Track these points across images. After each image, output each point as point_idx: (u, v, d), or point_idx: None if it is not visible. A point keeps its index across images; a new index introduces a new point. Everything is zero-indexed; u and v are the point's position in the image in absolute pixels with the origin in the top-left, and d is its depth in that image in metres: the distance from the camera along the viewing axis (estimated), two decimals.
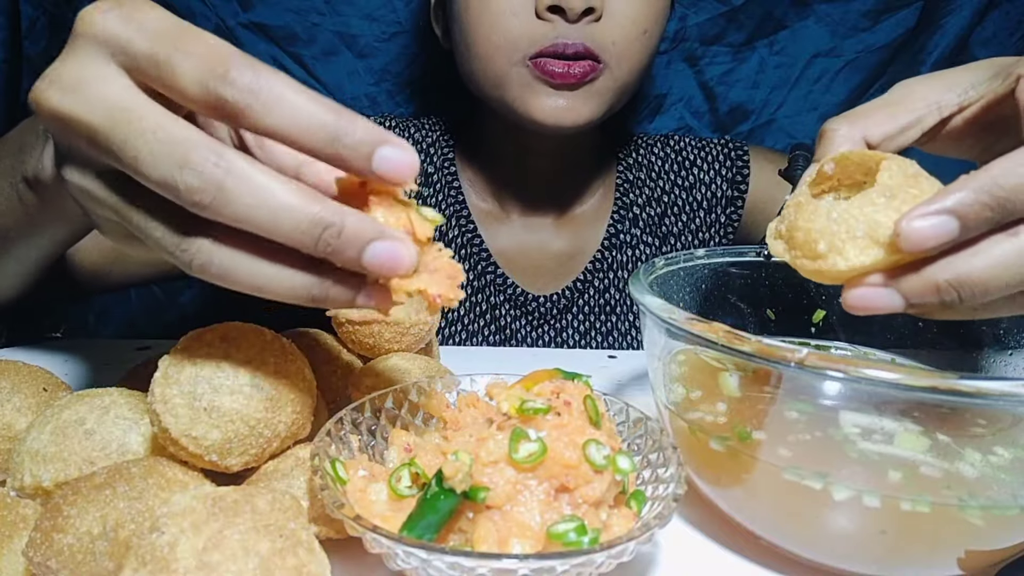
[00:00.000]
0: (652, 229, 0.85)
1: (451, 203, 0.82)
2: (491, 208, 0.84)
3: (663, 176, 0.86)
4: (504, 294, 0.81)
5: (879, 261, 0.30)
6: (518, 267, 0.82)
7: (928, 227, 0.28)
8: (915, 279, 0.30)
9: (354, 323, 0.50)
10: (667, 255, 0.48)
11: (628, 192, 0.85)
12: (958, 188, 0.29)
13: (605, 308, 0.83)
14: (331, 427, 0.36)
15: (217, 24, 0.88)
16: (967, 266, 0.29)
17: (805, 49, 0.94)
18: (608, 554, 0.29)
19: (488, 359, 0.68)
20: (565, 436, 0.31)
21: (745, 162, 0.85)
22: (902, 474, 0.34)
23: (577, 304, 0.82)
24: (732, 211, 0.85)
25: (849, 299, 0.31)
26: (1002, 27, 0.91)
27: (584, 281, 0.82)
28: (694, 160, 0.86)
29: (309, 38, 0.90)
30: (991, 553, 0.33)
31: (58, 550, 0.29)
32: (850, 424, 0.37)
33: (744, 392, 0.40)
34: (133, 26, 0.28)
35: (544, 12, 0.65)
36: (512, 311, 0.81)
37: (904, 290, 0.30)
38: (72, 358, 0.62)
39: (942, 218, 0.28)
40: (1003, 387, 0.29)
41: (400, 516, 0.31)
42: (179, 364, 0.33)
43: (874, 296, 0.31)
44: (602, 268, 0.83)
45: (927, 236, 0.29)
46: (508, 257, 0.82)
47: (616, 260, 0.83)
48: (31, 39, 0.82)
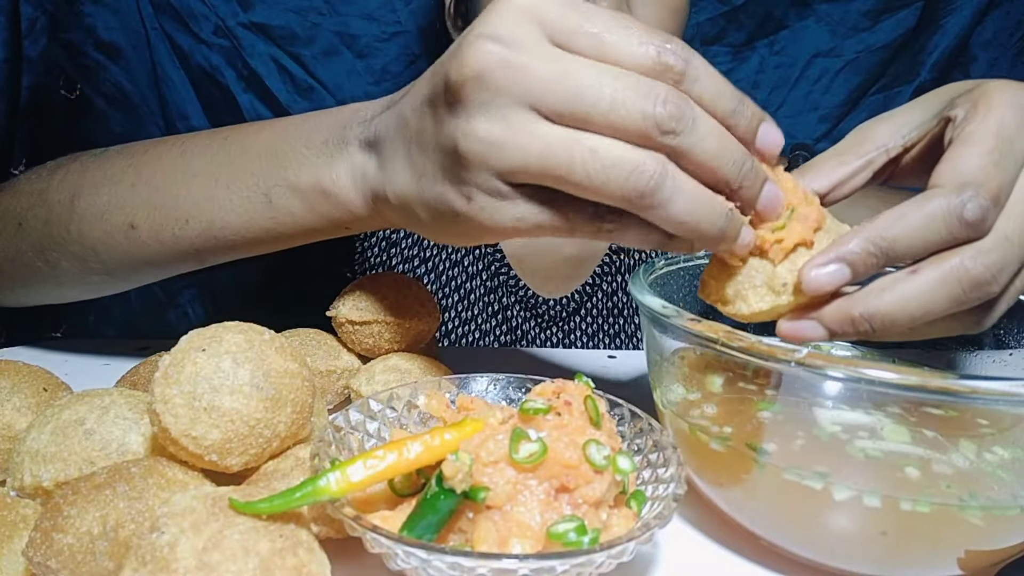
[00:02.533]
0: None
1: None
2: None
3: None
4: (515, 295, 0.82)
5: (776, 306, 0.36)
6: (530, 269, 0.83)
7: (824, 274, 0.34)
8: (834, 313, 0.34)
9: (354, 323, 0.50)
10: (667, 255, 0.48)
11: None
12: (848, 239, 0.33)
13: (613, 311, 0.84)
14: (331, 427, 0.36)
15: (217, 24, 0.88)
16: (877, 301, 0.33)
17: (805, 49, 0.94)
18: (608, 554, 0.29)
19: (488, 359, 0.68)
20: (565, 436, 0.31)
21: None
22: (903, 474, 0.34)
23: (585, 307, 0.83)
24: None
25: (782, 331, 0.36)
26: (1002, 27, 0.91)
27: (593, 284, 0.83)
28: None
29: (309, 38, 0.90)
30: (991, 553, 0.33)
31: (58, 550, 0.29)
32: (830, 422, 0.37)
33: (727, 392, 0.40)
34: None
35: None
36: (522, 312, 0.82)
37: (826, 322, 0.34)
38: (72, 358, 0.62)
39: (836, 266, 0.34)
40: (1003, 387, 0.29)
41: (400, 516, 0.31)
42: (179, 364, 0.33)
43: (801, 328, 0.35)
44: (610, 272, 0.84)
45: (824, 282, 0.34)
46: (520, 259, 0.83)
47: (624, 264, 0.84)
48: (31, 39, 0.82)
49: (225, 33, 0.88)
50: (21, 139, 0.81)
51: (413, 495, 0.33)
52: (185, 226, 0.49)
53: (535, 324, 0.82)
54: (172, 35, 0.89)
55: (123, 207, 0.51)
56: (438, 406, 0.39)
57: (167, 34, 0.89)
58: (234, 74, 0.89)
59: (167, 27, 0.88)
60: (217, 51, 0.88)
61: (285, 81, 0.88)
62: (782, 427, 0.38)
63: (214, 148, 0.49)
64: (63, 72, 0.86)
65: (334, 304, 0.52)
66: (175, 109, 0.91)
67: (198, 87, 0.90)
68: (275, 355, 0.35)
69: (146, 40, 0.89)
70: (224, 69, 0.89)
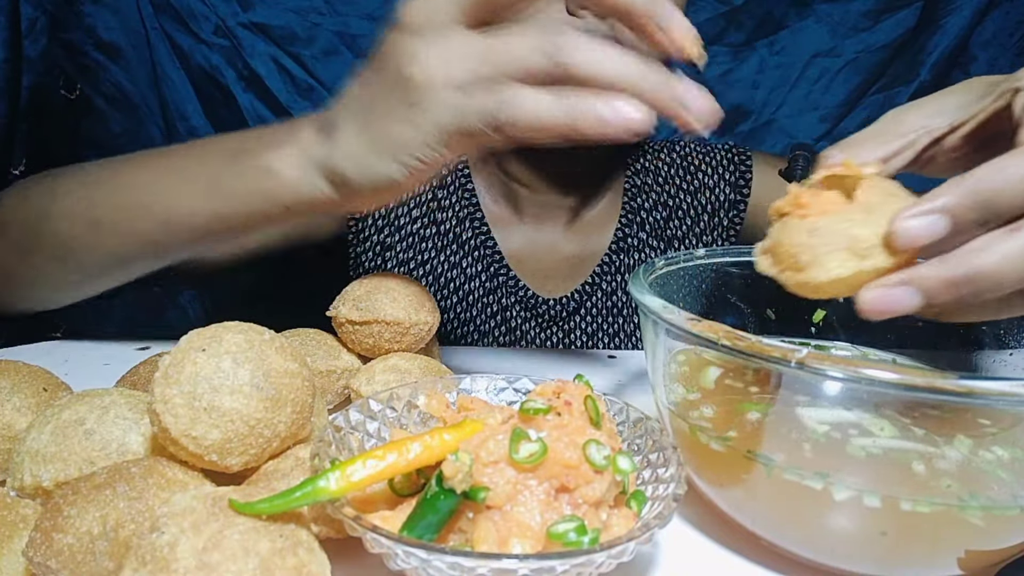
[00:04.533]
0: (658, 233, 0.86)
1: (465, 205, 0.83)
2: (504, 211, 0.84)
3: (669, 181, 0.87)
4: (515, 296, 0.82)
5: (857, 273, 0.32)
6: (529, 270, 0.83)
7: (919, 225, 0.31)
8: (931, 277, 0.31)
9: (354, 323, 0.50)
10: (667, 255, 0.48)
11: (636, 196, 0.86)
12: (945, 190, 0.31)
13: (612, 311, 0.84)
14: (331, 427, 0.36)
15: (217, 24, 0.88)
16: (979, 261, 0.30)
17: (805, 49, 0.95)
18: (608, 554, 0.29)
19: (488, 359, 0.68)
20: (565, 436, 0.31)
21: (748, 167, 0.86)
22: (903, 474, 0.34)
23: (585, 307, 0.83)
24: (735, 214, 0.86)
25: (865, 302, 0.32)
26: (1002, 27, 0.91)
27: (592, 284, 0.83)
28: (699, 165, 0.87)
29: (309, 38, 0.90)
30: (991, 553, 0.33)
31: (58, 550, 0.29)
32: (829, 422, 0.37)
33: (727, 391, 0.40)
34: None
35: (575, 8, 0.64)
36: (522, 312, 0.82)
37: (924, 286, 0.31)
38: (72, 358, 0.62)
39: (932, 217, 0.31)
40: (1003, 387, 0.29)
41: (400, 516, 0.31)
42: (179, 364, 0.33)
43: (890, 296, 0.32)
44: (610, 271, 0.84)
45: (918, 234, 0.31)
46: (519, 260, 0.83)
47: (623, 263, 0.84)
48: (31, 39, 0.82)
49: (225, 33, 0.88)
50: (21, 139, 0.81)
51: (413, 495, 0.33)
52: (142, 217, 0.51)
53: (535, 324, 0.82)
54: (172, 35, 0.89)
55: (91, 204, 0.54)
56: (438, 406, 0.39)
57: (167, 34, 0.89)
58: (234, 74, 0.89)
59: (167, 27, 0.88)
60: (217, 51, 0.89)
61: (285, 81, 0.88)
62: (782, 427, 0.38)
63: (181, 151, 0.53)
64: (63, 72, 0.86)
65: (334, 304, 0.52)
66: (175, 109, 0.91)
67: (198, 87, 0.91)
68: (275, 355, 0.35)
69: (146, 40, 0.89)
70: (224, 69, 0.89)
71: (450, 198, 0.83)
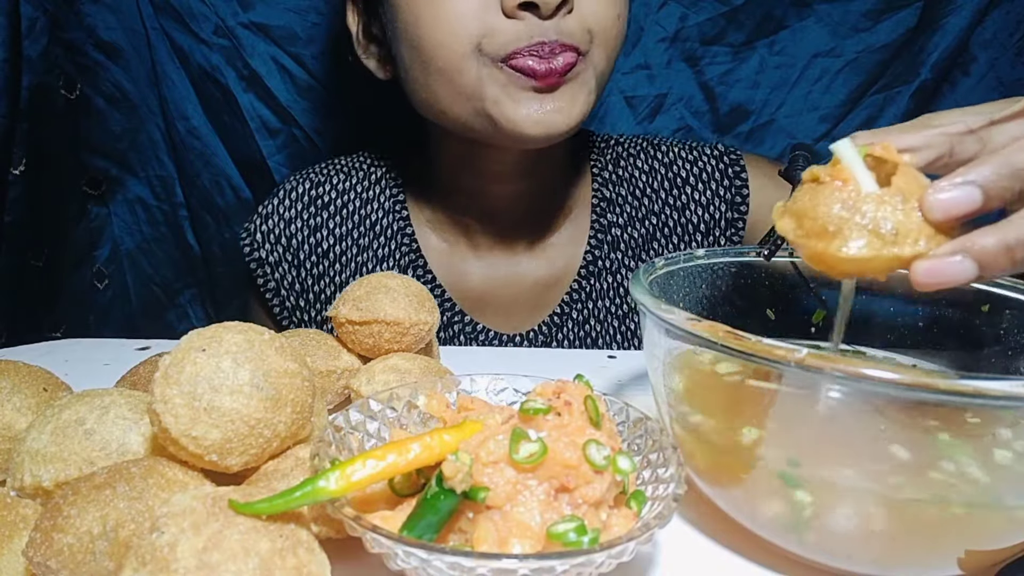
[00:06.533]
0: (636, 253, 0.79)
1: (405, 252, 0.77)
2: (456, 248, 0.78)
3: (648, 195, 0.79)
4: (476, 342, 0.76)
5: (876, 257, 0.32)
6: (490, 308, 0.77)
7: (954, 196, 0.31)
8: (984, 244, 0.31)
9: (354, 323, 0.50)
10: (667, 255, 0.48)
11: (606, 212, 0.78)
12: (978, 164, 0.31)
13: (586, 341, 0.78)
14: (331, 427, 0.36)
15: (217, 24, 0.88)
16: None
17: (805, 49, 0.94)
18: (608, 554, 0.29)
19: (488, 359, 0.68)
20: (565, 436, 0.31)
21: (744, 180, 0.79)
22: (903, 473, 0.34)
23: (556, 339, 0.77)
24: (732, 233, 0.79)
25: (919, 273, 0.32)
26: (1002, 27, 0.91)
27: (561, 314, 0.77)
28: (686, 178, 0.79)
29: (309, 38, 0.90)
30: (991, 553, 0.33)
31: (58, 550, 0.29)
32: (828, 421, 0.37)
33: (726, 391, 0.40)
34: None
35: (514, 10, 0.60)
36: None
37: (977, 254, 0.31)
38: (72, 358, 0.62)
39: (967, 188, 0.31)
40: (1003, 387, 0.29)
41: (400, 516, 0.31)
42: (179, 364, 0.33)
43: (944, 266, 0.31)
44: (580, 299, 0.77)
45: (953, 205, 0.31)
46: (476, 299, 0.77)
47: (595, 289, 0.77)
48: (31, 39, 0.82)
49: (225, 33, 0.88)
50: (21, 139, 0.81)
51: (413, 495, 0.33)
52: None
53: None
54: (172, 35, 0.89)
55: None
56: (438, 406, 0.39)
57: (167, 34, 0.89)
58: (234, 74, 0.89)
59: (167, 27, 0.88)
60: (217, 51, 0.88)
61: (285, 81, 0.88)
62: (781, 426, 0.38)
63: None
64: (63, 72, 0.86)
65: (334, 304, 0.52)
66: (175, 109, 0.91)
67: (198, 87, 0.90)
68: (275, 355, 0.35)
69: (146, 40, 0.89)
70: (224, 69, 0.89)
71: (388, 244, 0.77)
